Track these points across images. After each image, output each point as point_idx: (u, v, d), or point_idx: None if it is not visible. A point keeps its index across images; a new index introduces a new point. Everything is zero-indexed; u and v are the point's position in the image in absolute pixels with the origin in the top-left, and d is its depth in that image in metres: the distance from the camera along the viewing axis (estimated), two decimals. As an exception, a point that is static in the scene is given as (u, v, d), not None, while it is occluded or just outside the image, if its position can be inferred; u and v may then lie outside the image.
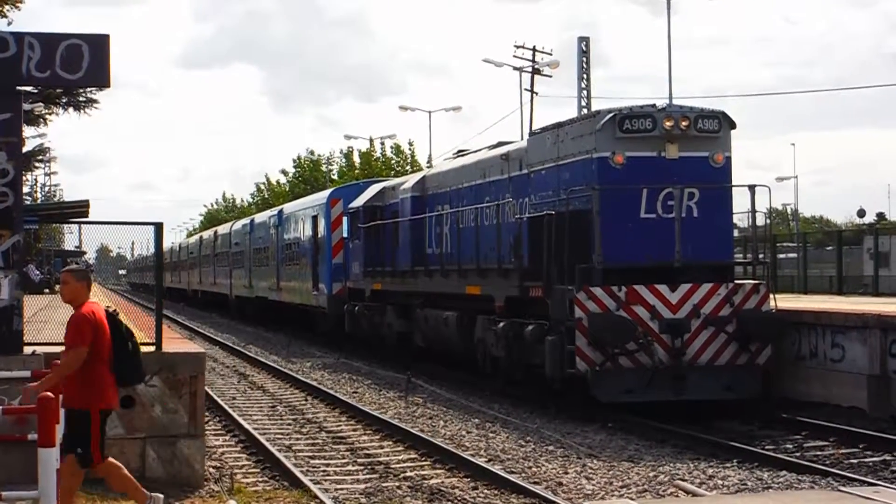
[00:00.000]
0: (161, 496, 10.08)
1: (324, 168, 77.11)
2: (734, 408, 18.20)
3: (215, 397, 20.88)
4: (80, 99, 30.06)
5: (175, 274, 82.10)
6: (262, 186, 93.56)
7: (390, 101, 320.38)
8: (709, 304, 17.96)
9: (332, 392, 22.04)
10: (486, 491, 12.90)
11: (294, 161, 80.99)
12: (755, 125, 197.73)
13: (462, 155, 26.67)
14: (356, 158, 72.22)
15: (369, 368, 27.31)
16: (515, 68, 51.55)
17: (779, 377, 18.97)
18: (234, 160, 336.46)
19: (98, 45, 12.33)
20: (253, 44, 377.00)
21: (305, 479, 13.20)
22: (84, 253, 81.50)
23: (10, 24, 26.01)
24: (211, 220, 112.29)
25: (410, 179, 28.40)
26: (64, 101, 30.20)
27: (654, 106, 18.70)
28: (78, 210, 39.83)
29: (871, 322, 17.62)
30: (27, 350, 12.37)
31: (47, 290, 41.84)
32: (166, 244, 78.43)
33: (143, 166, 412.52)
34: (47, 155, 61.06)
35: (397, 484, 13.38)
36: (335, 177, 72.33)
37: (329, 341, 34.71)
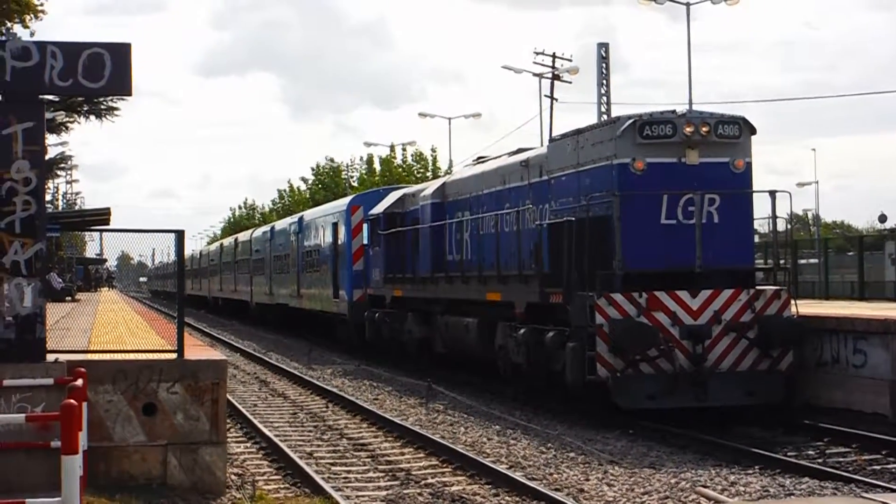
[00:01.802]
0: None
1: (344, 175, 77.19)
2: (756, 414, 18.14)
3: (237, 404, 20.91)
4: (102, 107, 30.25)
5: (196, 281, 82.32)
6: (284, 193, 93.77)
7: (410, 108, 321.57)
8: (730, 310, 17.91)
9: (352, 399, 22.06)
10: (507, 498, 12.90)
11: (312, 169, 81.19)
12: (775, 130, 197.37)
13: (482, 161, 26.66)
14: (377, 165, 72.28)
15: (390, 375, 27.32)
16: (535, 74, 51.56)
17: (800, 383, 18.89)
18: (253, 167, 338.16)
19: (120, 53, 12.39)
20: (271, 52, 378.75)
21: (327, 486, 13.22)
22: (105, 260, 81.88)
23: (32, 34, 26.15)
24: (235, 225, 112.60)
25: (430, 186, 28.42)
26: (85, 109, 30.39)
27: (674, 112, 18.66)
28: (99, 218, 39.95)
29: (893, 328, 17.53)
30: (50, 358, 12.42)
31: (69, 298, 42.03)
32: (187, 251, 78.61)
33: (164, 174, 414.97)
34: (69, 163, 61.33)
35: (418, 491, 13.38)
36: (355, 184, 72.41)
37: (349, 348, 34.74)
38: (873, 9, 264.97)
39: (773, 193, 18.96)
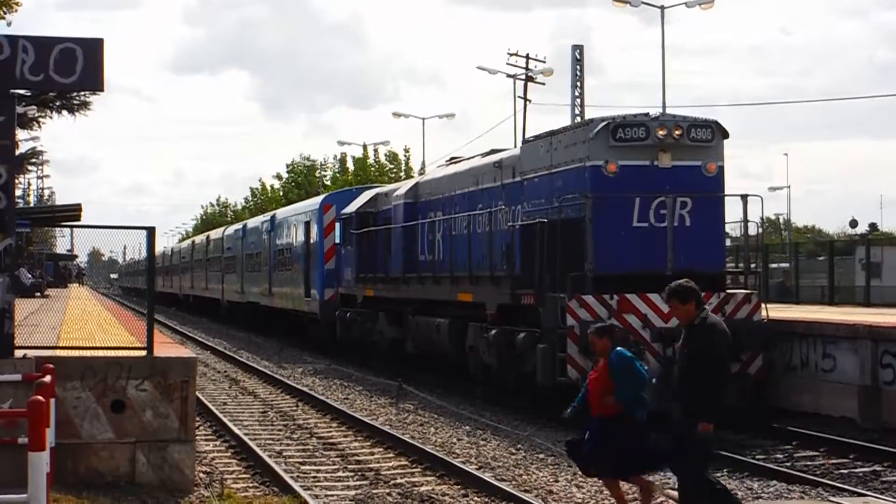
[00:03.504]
0: None
1: (317, 174, 77.00)
2: (725, 417, 18.14)
3: (206, 402, 20.84)
4: (74, 102, 30.07)
5: (167, 278, 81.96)
6: (256, 191, 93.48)
7: (384, 107, 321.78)
8: (700, 314, 17.91)
9: (323, 398, 22.02)
10: (476, 498, 12.90)
11: (288, 166, 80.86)
12: (748, 135, 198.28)
13: (455, 162, 26.66)
14: (350, 164, 72.14)
15: (360, 375, 27.28)
16: (509, 76, 51.58)
17: (770, 387, 18.97)
18: (226, 165, 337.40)
19: (92, 48, 12.32)
20: (245, 49, 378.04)
21: (296, 485, 13.19)
22: (76, 256, 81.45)
23: (9, 24, 26.05)
24: (207, 223, 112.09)
25: (403, 186, 28.40)
26: (57, 104, 30.21)
27: (647, 115, 18.72)
28: (70, 214, 39.78)
29: (862, 332, 17.64)
30: (18, 354, 12.33)
31: (38, 294, 41.78)
32: (158, 248, 78.28)
33: (136, 170, 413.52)
34: (40, 158, 60.97)
35: (387, 491, 13.37)
36: (328, 183, 72.25)
37: (320, 347, 34.68)
38: (847, 16, 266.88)
39: (744, 197, 19.04)
